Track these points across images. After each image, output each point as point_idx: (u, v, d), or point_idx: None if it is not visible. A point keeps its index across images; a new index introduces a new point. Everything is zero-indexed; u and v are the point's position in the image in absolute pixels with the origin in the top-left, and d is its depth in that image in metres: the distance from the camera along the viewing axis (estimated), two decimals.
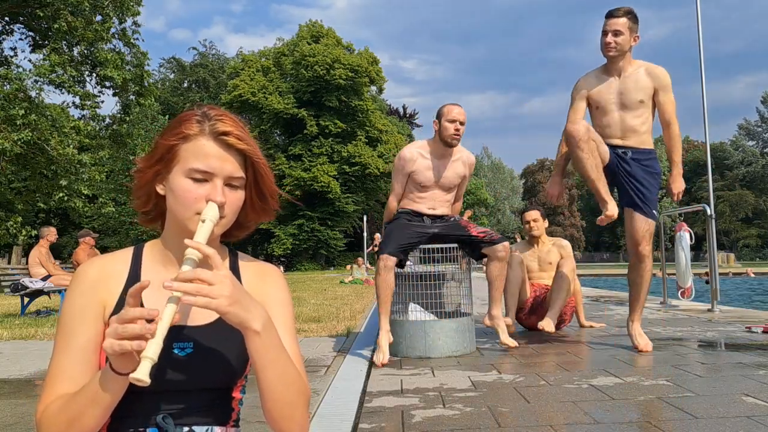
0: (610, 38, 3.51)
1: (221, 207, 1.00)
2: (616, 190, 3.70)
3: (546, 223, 4.89)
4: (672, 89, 3.61)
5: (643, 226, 3.52)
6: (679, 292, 6.73)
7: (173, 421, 0.98)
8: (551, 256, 4.78)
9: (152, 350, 0.83)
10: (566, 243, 4.90)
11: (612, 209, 3.42)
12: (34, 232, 15.47)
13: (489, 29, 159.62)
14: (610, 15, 3.56)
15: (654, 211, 3.57)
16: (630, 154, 3.57)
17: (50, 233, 8.31)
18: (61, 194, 17.05)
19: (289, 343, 1.05)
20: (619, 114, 3.58)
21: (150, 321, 0.87)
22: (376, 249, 19.18)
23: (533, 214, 4.85)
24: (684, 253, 6.56)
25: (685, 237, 6.59)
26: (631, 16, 3.55)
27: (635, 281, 3.64)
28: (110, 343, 0.84)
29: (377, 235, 20.03)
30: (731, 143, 67.28)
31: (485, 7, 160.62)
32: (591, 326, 4.96)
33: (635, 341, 3.61)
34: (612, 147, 3.59)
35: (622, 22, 3.52)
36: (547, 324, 4.08)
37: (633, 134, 3.58)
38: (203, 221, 0.98)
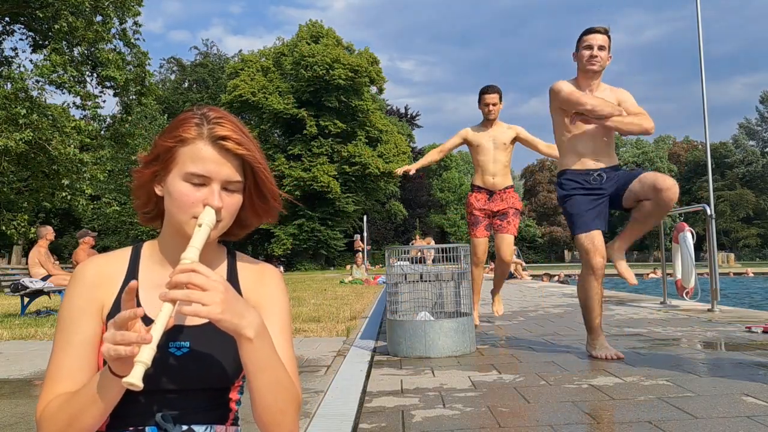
0: (596, 52, 3.49)
1: (218, 211, 1.00)
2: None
3: (502, 105, 5.00)
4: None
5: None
6: (684, 292, 6.70)
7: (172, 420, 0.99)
8: (506, 136, 4.99)
9: (146, 355, 0.84)
10: (519, 127, 5.08)
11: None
12: None
13: (487, 30, 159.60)
14: (593, 31, 3.54)
15: None
16: (605, 177, 3.51)
17: (48, 232, 8.33)
18: (63, 193, 17.11)
19: (284, 347, 1.04)
20: (594, 132, 3.53)
21: (147, 323, 0.88)
22: (359, 250, 19.17)
23: (493, 98, 4.95)
24: (688, 252, 6.54)
25: (688, 237, 6.58)
26: (609, 35, 3.57)
27: (651, 212, 3.43)
28: (106, 348, 0.85)
29: (357, 238, 20.02)
30: (732, 142, 67.23)
31: (483, 8, 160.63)
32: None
33: (624, 272, 3.57)
34: (586, 173, 3.53)
35: (604, 39, 3.53)
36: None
37: (605, 154, 3.55)
38: (200, 226, 0.98)
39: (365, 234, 21.02)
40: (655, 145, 68.96)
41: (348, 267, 22.27)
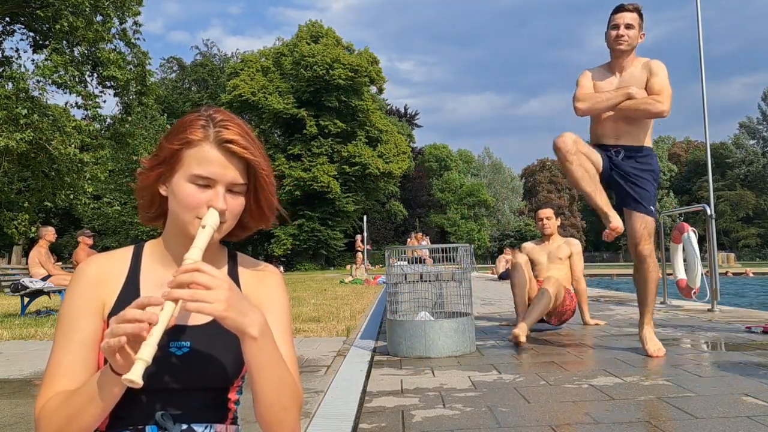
0: (623, 30, 3.42)
1: (221, 213, 1.00)
2: (613, 195, 3.58)
3: (558, 221, 4.95)
4: (667, 79, 3.44)
5: (640, 224, 3.41)
6: (691, 292, 6.67)
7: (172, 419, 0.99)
8: (561, 252, 4.83)
9: (146, 352, 0.84)
10: (576, 242, 4.97)
11: (615, 221, 3.23)
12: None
13: (486, 30, 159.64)
14: (622, 9, 3.46)
15: (651, 208, 3.47)
16: (623, 154, 3.48)
17: (48, 233, 8.32)
18: (65, 192, 17.16)
19: (285, 347, 1.05)
20: (613, 115, 3.47)
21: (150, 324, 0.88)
22: (359, 250, 19.15)
23: (547, 212, 4.93)
24: (694, 253, 6.53)
25: (692, 237, 6.57)
26: (640, 12, 3.49)
27: (639, 283, 3.52)
28: (105, 342, 0.85)
29: (359, 238, 20.00)
30: (733, 141, 67.15)
31: (482, 8, 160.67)
32: (596, 323, 4.99)
33: (645, 346, 3.48)
34: (605, 147, 3.50)
35: (633, 17, 3.45)
36: (520, 331, 3.89)
37: (626, 134, 3.49)
38: (203, 227, 0.98)
39: (365, 234, 20.99)
40: (655, 145, 68.93)
41: (348, 267, 22.25)
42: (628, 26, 3.43)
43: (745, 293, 15.35)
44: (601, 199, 3.29)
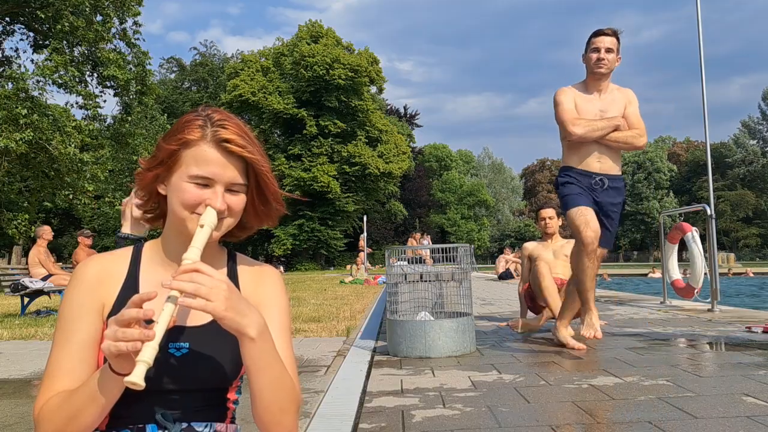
0: (604, 54, 3.53)
1: (220, 212, 1.00)
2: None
3: (560, 221, 4.98)
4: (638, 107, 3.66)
5: (600, 252, 3.56)
6: (694, 291, 6.66)
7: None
8: (566, 250, 4.84)
9: (148, 354, 0.84)
10: None
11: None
12: None
13: (485, 31, 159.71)
14: (601, 33, 3.58)
15: (612, 239, 3.68)
16: (607, 184, 3.56)
17: (45, 232, 8.33)
18: (66, 192, 17.19)
19: (284, 348, 1.05)
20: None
21: (148, 321, 0.88)
22: (361, 250, 19.16)
23: (549, 212, 4.98)
24: (699, 253, 6.52)
25: (697, 237, 6.56)
26: (617, 37, 3.60)
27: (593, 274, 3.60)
28: (107, 345, 0.85)
29: (362, 238, 20.00)
30: (734, 141, 67.09)
31: (481, 9, 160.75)
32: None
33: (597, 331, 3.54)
34: (589, 175, 3.56)
35: (612, 41, 3.56)
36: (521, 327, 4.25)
37: (609, 157, 3.57)
38: (201, 226, 0.98)
39: (365, 234, 20.97)
40: (655, 145, 68.97)
41: (348, 267, 22.25)
42: (608, 50, 3.55)
43: None
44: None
